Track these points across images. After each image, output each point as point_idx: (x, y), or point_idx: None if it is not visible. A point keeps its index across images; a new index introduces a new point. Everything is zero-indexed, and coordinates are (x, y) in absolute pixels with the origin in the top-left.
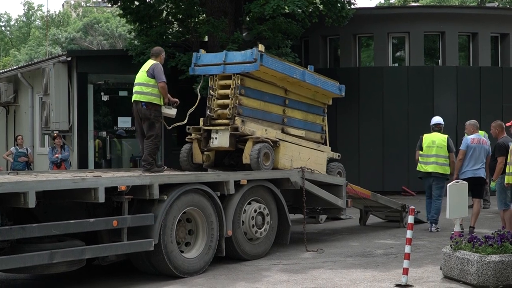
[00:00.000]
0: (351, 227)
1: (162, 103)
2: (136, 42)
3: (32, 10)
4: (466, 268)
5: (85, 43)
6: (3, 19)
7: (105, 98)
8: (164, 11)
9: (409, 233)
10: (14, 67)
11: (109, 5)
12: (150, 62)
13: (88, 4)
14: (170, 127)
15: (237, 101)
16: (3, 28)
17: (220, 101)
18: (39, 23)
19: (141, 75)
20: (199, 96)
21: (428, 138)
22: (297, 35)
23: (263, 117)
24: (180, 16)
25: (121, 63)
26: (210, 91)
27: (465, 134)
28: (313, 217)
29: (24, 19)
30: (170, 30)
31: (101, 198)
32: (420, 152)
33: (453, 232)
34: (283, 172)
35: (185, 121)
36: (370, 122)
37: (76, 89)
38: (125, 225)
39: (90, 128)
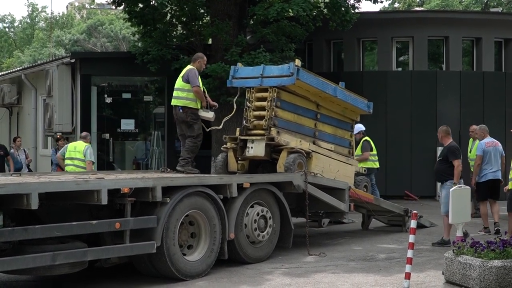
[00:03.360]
0: (354, 231)
1: (199, 106)
2: (139, 44)
3: (36, 12)
4: (468, 273)
5: (89, 45)
6: (7, 20)
7: (108, 100)
8: (168, 14)
9: (411, 238)
10: (18, 68)
11: (113, 7)
12: (187, 68)
13: (92, 6)
14: (208, 130)
15: (273, 113)
16: (7, 29)
17: (256, 113)
18: (43, 25)
19: (178, 81)
20: (235, 107)
21: (371, 141)
22: (301, 39)
23: (296, 129)
24: (184, 19)
25: (125, 65)
26: (247, 102)
27: (473, 139)
28: (316, 221)
29: (28, 21)
30: (174, 33)
31: (104, 200)
32: (371, 152)
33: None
34: (286, 175)
35: (221, 126)
36: (373, 126)
37: (79, 91)
38: (127, 227)
39: (94, 130)
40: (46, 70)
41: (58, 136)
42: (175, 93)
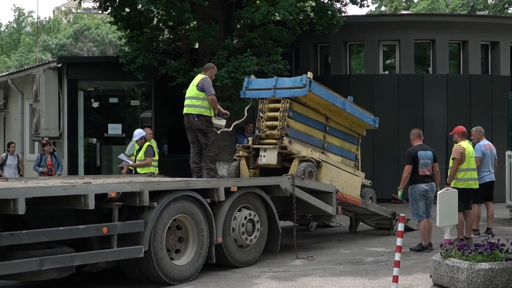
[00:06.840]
0: (341, 234)
1: (213, 114)
2: (126, 48)
3: (23, 17)
4: (456, 276)
5: (76, 50)
6: None
7: (95, 104)
8: (155, 18)
9: (399, 241)
10: (4, 73)
11: (100, 11)
12: (199, 77)
13: (78, 11)
14: (219, 132)
15: (285, 123)
16: None
17: (269, 123)
18: (30, 30)
19: (192, 89)
20: (246, 114)
21: (154, 146)
22: (288, 43)
23: (306, 140)
24: (171, 23)
25: (112, 70)
26: (260, 113)
27: (470, 141)
28: (303, 224)
29: (15, 25)
30: (161, 37)
31: (91, 205)
32: (154, 158)
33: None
34: (273, 179)
35: (231, 129)
36: None
37: (66, 96)
38: (115, 232)
39: (80, 135)
40: (32, 75)
41: (45, 141)
42: (188, 102)
